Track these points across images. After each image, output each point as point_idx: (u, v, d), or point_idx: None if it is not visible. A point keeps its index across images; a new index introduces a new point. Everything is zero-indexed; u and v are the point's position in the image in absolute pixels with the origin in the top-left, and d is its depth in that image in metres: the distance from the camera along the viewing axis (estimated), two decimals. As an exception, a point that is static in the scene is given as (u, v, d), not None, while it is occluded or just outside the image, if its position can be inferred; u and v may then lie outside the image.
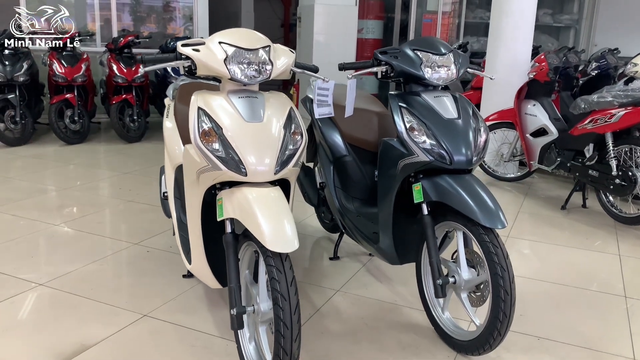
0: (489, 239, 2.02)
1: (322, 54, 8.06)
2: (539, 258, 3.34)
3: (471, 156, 2.16)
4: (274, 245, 1.73)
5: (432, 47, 2.27)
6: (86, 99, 6.18)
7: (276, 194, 1.90)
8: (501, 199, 4.44)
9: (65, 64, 5.86)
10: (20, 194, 4.04)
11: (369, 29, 9.15)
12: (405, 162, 2.22)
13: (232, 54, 1.94)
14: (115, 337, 2.24)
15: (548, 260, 3.27)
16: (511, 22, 4.81)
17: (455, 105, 2.25)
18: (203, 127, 1.89)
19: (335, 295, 2.68)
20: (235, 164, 1.86)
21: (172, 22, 9.25)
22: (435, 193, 2.17)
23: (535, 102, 4.46)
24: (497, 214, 2.04)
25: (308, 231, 3.51)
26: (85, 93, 6.19)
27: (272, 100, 2.02)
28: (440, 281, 2.14)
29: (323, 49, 8.19)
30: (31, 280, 2.69)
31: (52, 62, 5.85)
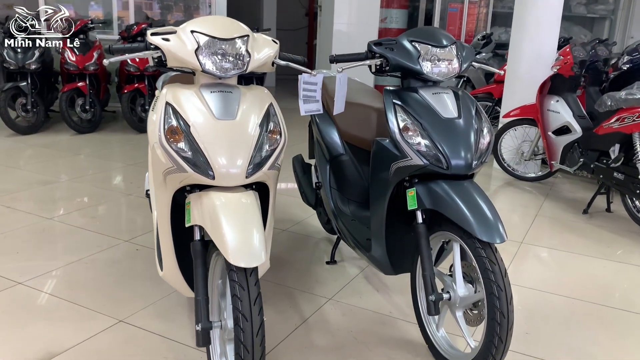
0: (485, 254, 1.81)
1: (342, 43, 7.84)
2: (553, 268, 3.09)
3: (471, 160, 1.94)
4: (236, 258, 1.56)
5: (432, 39, 2.05)
6: (98, 87, 6.11)
7: (248, 200, 1.72)
8: (519, 200, 4.19)
9: (77, 52, 5.78)
10: (20, 185, 3.97)
11: (392, 18, 8.87)
12: (398, 165, 2.02)
13: (205, 44, 1.77)
14: (85, 344, 2.11)
15: (563, 271, 3.03)
16: (535, 13, 4.52)
17: (456, 103, 2.03)
18: (169, 124, 1.72)
19: (326, 304, 2.50)
20: (202, 166, 1.69)
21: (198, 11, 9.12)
22: (429, 200, 1.96)
23: (558, 98, 4.17)
24: (496, 226, 1.82)
25: (308, 231, 3.33)
26: (98, 81, 6.11)
27: (249, 95, 1.84)
28: (433, 297, 1.94)
29: (343, 39, 7.96)
30: (11, 278, 2.58)
31: (64, 50, 5.78)
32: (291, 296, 2.55)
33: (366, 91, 2.81)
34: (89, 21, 6.03)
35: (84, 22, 6.00)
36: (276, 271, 2.80)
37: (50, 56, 5.96)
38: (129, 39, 6.09)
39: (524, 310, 2.53)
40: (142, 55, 1.83)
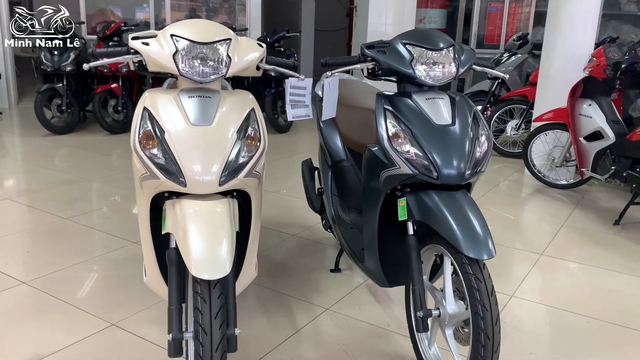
0: (471, 271, 1.70)
1: (376, 45, 7.72)
2: (571, 282, 2.91)
3: (464, 170, 1.83)
4: (199, 270, 1.51)
5: (426, 41, 1.95)
6: (131, 88, 6.23)
7: (222, 209, 1.67)
8: (547, 208, 3.99)
9: None
10: (44, 185, 4.07)
11: (431, 18, 8.69)
12: (388, 173, 1.92)
13: (183, 48, 1.73)
14: (73, 347, 2.12)
15: (582, 286, 2.85)
16: (570, 11, 4.30)
17: (450, 109, 1.93)
18: (145, 130, 1.70)
19: (323, 315, 2.42)
20: (175, 173, 1.66)
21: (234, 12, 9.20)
22: (418, 211, 1.87)
23: (591, 102, 3.95)
24: (485, 242, 1.71)
25: (318, 237, 3.26)
26: (131, 83, 6.23)
27: (229, 100, 1.79)
28: (422, 313, 1.83)
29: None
30: (16, 277, 2.63)
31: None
32: (287, 304, 2.49)
33: (371, 94, 2.72)
34: (122, 24, 6.15)
35: (118, 25, 6.14)
36: (276, 277, 2.75)
37: (86, 58, 6.12)
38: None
39: (532, 329, 2.39)
40: (122, 60, 1.81)
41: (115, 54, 1.84)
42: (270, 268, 2.86)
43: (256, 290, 2.60)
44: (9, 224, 3.32)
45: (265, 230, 3.37)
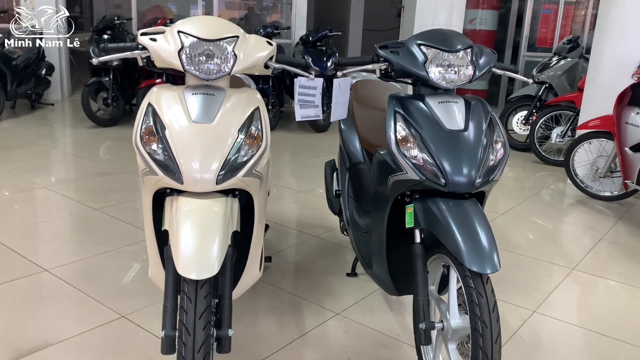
0: (473, 285, 1.62)
1: (422, 45, 7.57)
2: (604, 302, 2.75)
3: (474, 178, 1.74)
4: (186, 269, 1.49)
5: (442, 42, 1.87)
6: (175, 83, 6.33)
7: (218, 209, 1.65)
8: (587, 220, 3.80)
9: None
10: (81, 175, 4.19)
11: (481, 20, 8.47)
12: (395, 178, 1.86)
13: (188, 45, 1.73)
14: (81, 337, 2.15)
15: (616, 307, 2.68)
16: (620, 14, 4.07)
17: (464, 113, 1.84)
18: (147, 125, 1.70)
19: (332, 319, 2.38)
20: (173, 170, 1.65)
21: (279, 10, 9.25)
22: (424, 219, 1.79)
23: (639, 110, 3.72)
24: (490, 255, 1.62)
25: (340, 240, 3.21)
26: (175, 78, 6.34)
27: (233, 98, 1.77)
28: (424, 325, 1.76)
29: (424, 41, 7.69)
30: (40, 264, 2.71)
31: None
32: (298, 307, 2.46)
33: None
34: (168, 20, 6.28)
35: (165, 20, 6.27)
36: (291, 278, 2.72)
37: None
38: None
39: (550, 348, 2.27)
40: (131, 55, 1.82)
41: (125, 49, 1.85)
42: (287, 268, 2.83)
43: (268, 290, 2.58)
44: (41, 212, 3.43)
45: (287, 230, 3.35)
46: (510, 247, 3.28)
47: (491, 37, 8.52)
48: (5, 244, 2.90)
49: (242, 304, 2.43)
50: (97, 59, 1.83)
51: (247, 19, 8.95)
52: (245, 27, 7.90)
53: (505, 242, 3.37)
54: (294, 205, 3.84)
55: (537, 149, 5.39)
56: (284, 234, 3.29)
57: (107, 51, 1.86)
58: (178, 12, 9.11)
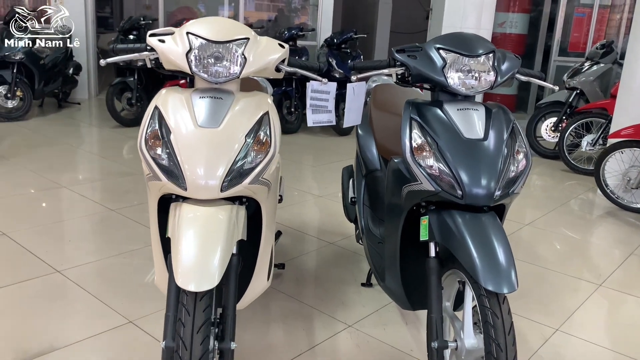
0: (488, 304, 1.52)
1: (450, 49, 7.43)
2: (632, 321, 2.60)
3: (493, 190, 1.65)
4: (185, 280, 1.43)
5: (462, 46, 1.78)
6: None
7: (223, 217, 1.59)
8: (616, 233, 3.64)
9: None
10: (101, 175, 4.20)
11: (511, 23, 8.28)
12: (410, 188, 1.77)
13: (196, 47, 1.67)
14: (87, 341, 2.12)
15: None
16: (657, 18, 3.89)
17: (484, 121, 1.74)
18: (152, 129, 1.65)
19: (343, 332, 2.30)
20: (176, 176, 1.60)
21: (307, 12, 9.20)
22: (439, 232, 1.70)
23: (675, 119, 3.55)
24: (507, 274, 1.53)
25: (357, 247, 3.13)
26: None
27: (242, 102, 1.71)
28: (437, 344, 1.67)
29: (452, 44, 7.55)
30: (53, 265, 2.70)
31: None
32: (309, 317, 2.39)
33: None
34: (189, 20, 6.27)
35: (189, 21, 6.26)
36: (303, 287, 2.65)
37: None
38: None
39: (574, 370, 2.15)
40: (139, 57, 1.78)
41: (134, 50, 1.81)
42: (300, 276, 2.76)
43: (280, 298, 2.52)
44: (59, 212, 3.44)
45: (303, 236, 3.28)
46: (535, 260, 3.15)
47: (521, 41, 8.32)
48: (21, 244, 2.90)
49: (252, 312, 2.37)
50: (104, 60, 1.79)
51: (277, 21, 8.93)
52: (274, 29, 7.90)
53: (529, 254, 3.24)
54: (311, 210, 3.78)
55: (567, 157, 5.22)
56: (299, 240, 3.22)
57: (116, 52, 1.83)
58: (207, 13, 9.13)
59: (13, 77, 5.74)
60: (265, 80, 2.67)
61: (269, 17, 9.09)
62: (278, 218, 3.46)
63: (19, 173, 4.11)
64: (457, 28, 7.63)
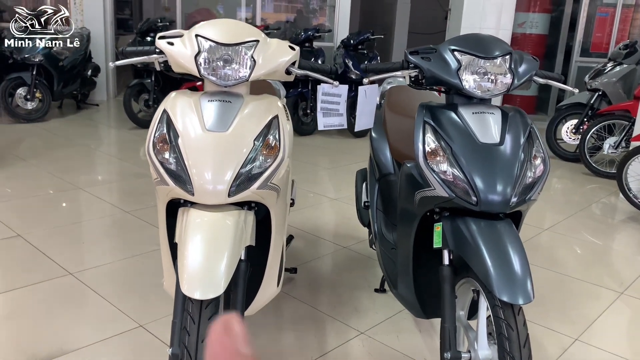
0: (503, 316, 1.47)
1: (468, 49, 7.33)
2: (656, 331, 2.52)
3: (509, 196, 1.59)
4: (190, 288, 1.41)
5: (478, 48, 1.73)
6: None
7: (231, 222, 1.56)
8: (638, 238, 3.53)
9: None
10: (116, 176, 4.21)
11: (532, 23, 8.15)
12: (423, 194, 1.73)
13: (205, 49, 1.65)
14: (97, 345, 2.11)
15: (668, 337, 2.45)
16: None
17: (501, 125, 1.69)
18: (160, 132, 1.63)
19: (355, 339, 2.25)
20: (184, 180, 1.57)
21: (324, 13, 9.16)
22: (453, 240, 1.65)
23: (701, 122, 3.44)
24: (522, 284, 1.47)
25: (369, 252, 3.07)
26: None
27: (252, 105, 1.68)
28: (449, 355, 1.63)
29: (470, 45, 7.46)
30: (65, 267, 2.70)
31: None
32: (321, 323, 2.35)
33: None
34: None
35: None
36: (316, 292, 2.61)
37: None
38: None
39: (593, 382, 2.08)
40: (148, 60, 1.76)
41: (144, 53, 1.79)
42: (312, 281, 2.73)
43: (291, 304, 2.48)
44: (74, 214, 3.45)
45: (317, 240, 3.24)
46: (554, 266, 3.07)
47: (542, 41, 8.19)
48: (35, 245, 2.91)
49: (263, 318, 2.33)
50: (113, 62, 1.78)
51: (295, 22, 8.92)
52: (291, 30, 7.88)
53: (548, 260, 3.17)
54: (326, 213, 3.74)
55: (588, 160, 5.10)
56: (313, 244, 3.18)
57: (126, 55, 1.81)
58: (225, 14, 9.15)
59: (32, 78, 5.80)
60: (278, 83, 2.64)
61: (288, 19, 9.09)
62: (291, 221, 3.44)
63: (36, 174, 4.14)
64: (476, 28, 7.54)
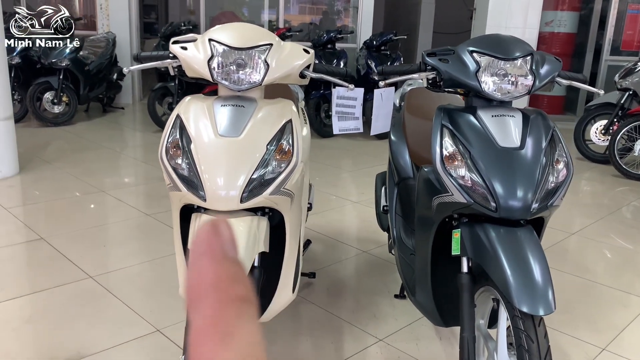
0: (523, 327, 1.41)
1: (494, 49, 7.20)
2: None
3: (530, 202, 1.54)
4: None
5: (498, 49, 1.67)
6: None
7: (243, 228, 1.54)
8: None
9: None
10: (139, 180, 4.24)
11: (560, 21, 7.97)
12: (440, 200, 1.68)
13: (218, 54, 1.63)
14: (114, 350, 2.11)
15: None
16: None
17: (521, 129, 1.63)
18: (173, 137, 1.62)
19: (373, 346, 2.21)
20: (196, 186, 1.56)
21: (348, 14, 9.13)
22: (471, 247, 1.60)
23: None
24: (543, 294, 1.42)
25: (390, 256, 3.03)
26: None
27: (265, 110, 1.66)
28: (468, 366, 1.57)
29: (496, 44, 7.33)
30: (86, 271, 2.72)
31: None
32: (339, 330, 2.31)
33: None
34: (287, 28, 6.30)
35: (284, 30, 6.30)
36: (334, 297, 2.58)
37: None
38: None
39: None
40: (161, 65, 1.75)
41: (158, 57, 1.78)
42: (331, 286, 2.69)
43: (310, 309, 2.45)
44: (96, 217, 3.48)
45: (336, 244, 3.21)
46: (582, 272, 2.98)
47: (570, 40, 8.01)
48: (57, 248, 2.95)
49: (281, 324, 2.31)
50: (127, 68, 1.77)
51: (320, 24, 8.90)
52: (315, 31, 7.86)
53: (576, 265, 3.07)
54: (347, 217, 3.70)
55: (618, 162, 4.96)
56: (332, 248, 3.15)
57: (140, 60, 1.81)
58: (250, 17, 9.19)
59: (59, 83, 5.89)
60: (296, 86, 2.62)
61: (313, 20, 9.07)
62: (312, 224, 3.42)
63: (61, 177, 4.20)
64: (502, 28, 7.42)
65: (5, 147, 4.12)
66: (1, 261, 2.80)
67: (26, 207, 3.57)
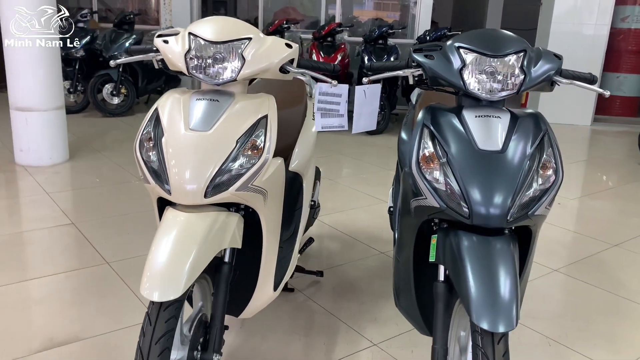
0: (481, 344, 1.31)
1: (559, 46, 6.84)
2: None
3: (506, 210, 1.42)
4: (150, 290, 1.38)
5: (486, 45, 1.56)
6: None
7: (206, 222, 1.52)
8: None
9: (322, 53, 6.09)
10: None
11: (636, 17, 7.44)
12: (417, 203, 1.59)
13: (194, 47, 1.63)
14: (111, 335, 2.17)
15: None
16: None
17: (507, 131, 1.52)
18: (147, 131, 1.63)
19: (366, 350, 2.15)
20: (163, 179, 1.56)
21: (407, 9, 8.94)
22: (443, 254, 1.52)
23: None
24: (506, 310, 1.31)
25: (407, 259, 2.94)
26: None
27: (240, 105, 1.64)
28: (436, 381, 1.49)
29: (562, 41, 6.96)
30: (105, 256, 2.82)
31: (312, 52, 6.16)
32: (335, 331, 2.27)
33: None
34: (336, 25, 6.31)
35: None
36: (337, 298, 2.53)
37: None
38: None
39: None
40: (146, 58, 1.77)
41: (145, 51, 1.80)
42: (337, 286, 2.64)
43: (310, 308, 2.42)
44: (127, 205, 3.59)
45: (353, 242, 3.15)
46: (614, 287, 2.76)
47: (646, 37, 7.46)
48: (84, 233, 3.08)
49: (277, 321, 2.30)
50: (115, 61, 1.81)
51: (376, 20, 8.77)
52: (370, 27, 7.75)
53: (608, 279, 2.85)
54: (371, 216, 3.62)
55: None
56: (348, 247, 3.09)
57: (130, 53, 1.83)
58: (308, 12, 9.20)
59: (118, 75, 6.16)
60: (311, 80, 2.58)
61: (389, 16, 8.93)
62: (333, 222, 3.38)
63: (104, 165, 4.39)
64: (568, 24, 7.03)
65: (56, 135, 4.35)
66: (30, 243, 2.96)
67: (65, 193, 3.76)
